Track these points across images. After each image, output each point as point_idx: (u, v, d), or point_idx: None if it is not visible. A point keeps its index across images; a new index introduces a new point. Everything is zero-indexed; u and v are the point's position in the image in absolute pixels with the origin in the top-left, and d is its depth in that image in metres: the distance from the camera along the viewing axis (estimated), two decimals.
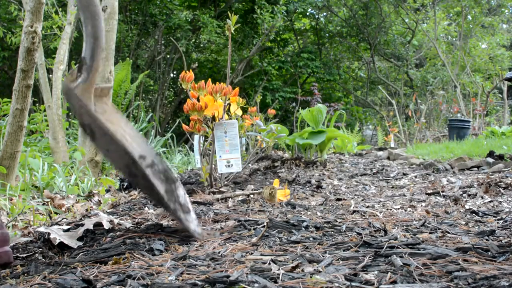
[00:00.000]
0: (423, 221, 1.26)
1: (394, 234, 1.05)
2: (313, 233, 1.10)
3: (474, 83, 10.31)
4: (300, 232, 1.10)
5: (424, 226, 1.20)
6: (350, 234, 1.08)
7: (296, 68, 10.87)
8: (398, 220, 1.30)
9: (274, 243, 0.99)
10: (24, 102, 2.00)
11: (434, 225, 1.20)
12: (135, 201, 1.83)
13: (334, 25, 12.64)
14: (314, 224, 1.19)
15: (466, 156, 3.09)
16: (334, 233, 1.10)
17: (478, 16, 11.69)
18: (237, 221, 1.25)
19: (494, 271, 0.70)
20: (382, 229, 1.14)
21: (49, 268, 0.85)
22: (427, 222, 1.25)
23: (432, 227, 1.19)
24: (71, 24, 3.79)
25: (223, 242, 1.02)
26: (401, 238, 1.00)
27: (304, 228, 1.15)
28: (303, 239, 1.03)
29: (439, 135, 8.19)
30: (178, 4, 10.42)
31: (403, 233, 1.09)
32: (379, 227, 1.16)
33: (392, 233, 1.08)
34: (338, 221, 1.27)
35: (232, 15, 1.84)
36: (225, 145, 1.76)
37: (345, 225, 1.20)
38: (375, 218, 1.37)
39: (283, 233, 1.10)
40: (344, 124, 7.30)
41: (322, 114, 4.02)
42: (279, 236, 1.06)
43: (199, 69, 10.75)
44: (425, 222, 1.24)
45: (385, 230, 1.13)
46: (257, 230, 1.13)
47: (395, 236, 1.01)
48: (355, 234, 1.08)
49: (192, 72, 2.02)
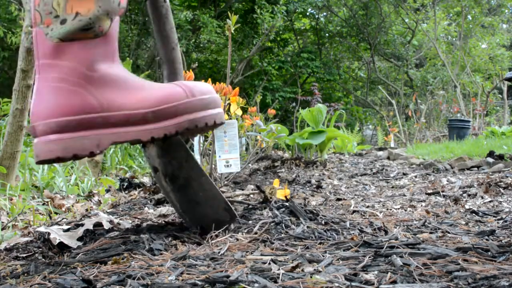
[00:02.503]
0: (423, 221, 1.26)
1: (394, 234, 1.05)
2: (313, 233, 1.10)
3: (474, 83, 10.31)
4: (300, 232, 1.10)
5: (424, 226, 1.20)
6: (352, 232, 1.08)
7: (296, 68, 10.87)
8: (398, 220, 1.30)
9: (274, 242, 0.99)
10: (24, 102, 2.00)
11: (434, 225, 1.20)
12: (135, 201, 1.83)
13: (334, 25, 12.64)
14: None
15: (466, 156, 3.09)
16: (334, 233, 1.10)
17: (478, 16, 11.69)
18: (237, 222, 1.25)
19: (494, 271, 0.70)
20: (383, 229, 1.14)
21: (49, 268, 0.85)
22: (427, 222, 1.25)
23: (432, 227, 1.19)
24: None
25: (223, 242, 1.02)
26: (401, 238, 1.00)
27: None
28: (303, 238, 1.03)
29: (439, 135, 8.19)
30: (178, 4, 10.43)
31: (403, 233, 1.09)
32: (380, 226, 1.16)
33: (393, 233, 1.09)
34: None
35: (232, 15, 1.84)
36: (225, 145, 1.75)
37: (346, 223, 1.20)
38: (375, 218, 1.37)
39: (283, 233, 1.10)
40: (344, 124, 7.30)
41: (322, 114, 4.02)
42: (280, 237, 1.06)
43: (199, 69, 10.75)
44: (425, 222, 1.24)
45: (386, 230, 1.13)
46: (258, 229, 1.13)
47: (396, 236, 1.01)
48: (356, 233, 1.08)
49: (192, 72, 2.02)
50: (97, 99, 0.91)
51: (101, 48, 0.93)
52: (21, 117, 2.01)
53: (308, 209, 1.32)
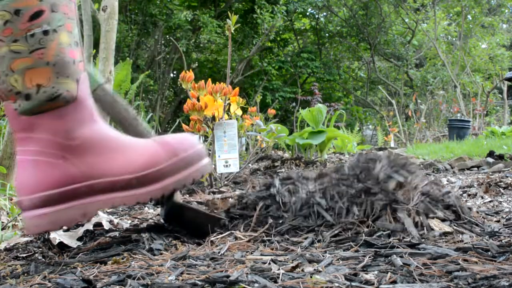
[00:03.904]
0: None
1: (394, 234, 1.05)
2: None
3: (474, 83, 10.32)
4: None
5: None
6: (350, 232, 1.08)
7: (296, 68, 10.87)
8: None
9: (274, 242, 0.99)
10: None
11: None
12: None
13: (334, 25, 12.64)
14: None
15: (466, 156, 3.09)
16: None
17: (478, 16, 11.70)
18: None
19: (494, 271, 0.70)
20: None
21: (49, 268, 0.85)
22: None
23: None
24: None
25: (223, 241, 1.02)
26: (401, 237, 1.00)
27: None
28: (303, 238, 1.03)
29: (439, 135, 8.19)
30: (178, 4, 10.43)
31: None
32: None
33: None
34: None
35: (232, 15, 1.84)
36: (224, 145, 1.76)
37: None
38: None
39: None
40: (344, 124, 7.30)
41: (322, 114, 4.02)
42: (280, 237, 1.06)
43: (199, 69, 10.76)
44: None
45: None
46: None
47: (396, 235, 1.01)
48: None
49: (192, 72, 2.02)
50: (79, 168, 0.89)
51: (75, 114, 0.89)
52: None
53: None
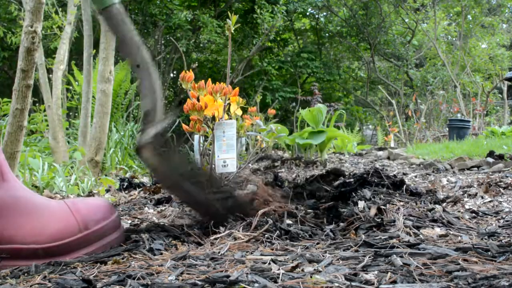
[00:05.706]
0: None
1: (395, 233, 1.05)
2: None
3: (474, 83, 10.32)
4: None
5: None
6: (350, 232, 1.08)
7: (296, 68, 10.88)
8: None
9: (274, 242, 0.99)
10: (24, 102, 2.00)
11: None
12: (135, 201, 1.83)
13: (334, 25, 12.65)
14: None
15: (466, 156, 3.09)
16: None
17: (478, 16, 11.70)
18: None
19: (494, 271, 0.70)
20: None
21: (49, 268, 0.85)
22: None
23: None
24: (71, 24, 3.79)
25: (223, 241, 1.02)
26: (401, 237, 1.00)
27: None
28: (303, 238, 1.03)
29: (439, 135, 8.19)
30: (178, 4, 10.43)
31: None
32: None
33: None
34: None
35: (232, 15, 1.84)
36: (223, 145, 1.75)
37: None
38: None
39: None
40: (344, 124, 7.31)
41: (322, 114, 4.02)
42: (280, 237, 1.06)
43: (199, 69, 10.76)
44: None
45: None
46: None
47: (397, 234, 1.01)
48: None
49: (192, 72, 2.02)
50: None
51: None
52: (21, 117, 2.01)
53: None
